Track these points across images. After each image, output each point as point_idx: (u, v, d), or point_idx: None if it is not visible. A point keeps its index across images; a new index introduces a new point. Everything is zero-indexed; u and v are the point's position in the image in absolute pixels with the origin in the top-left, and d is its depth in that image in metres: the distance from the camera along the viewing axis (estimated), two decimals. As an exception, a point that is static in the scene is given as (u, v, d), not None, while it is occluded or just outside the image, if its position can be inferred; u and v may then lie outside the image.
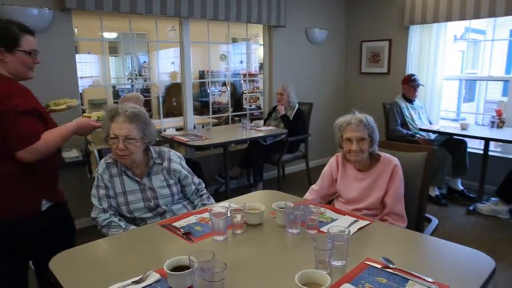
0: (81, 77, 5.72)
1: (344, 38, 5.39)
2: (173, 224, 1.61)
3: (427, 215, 1.93)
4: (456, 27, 4.69)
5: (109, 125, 1.75)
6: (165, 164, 1.89)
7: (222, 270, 1.02)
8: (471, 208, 3.71)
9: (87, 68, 6.65)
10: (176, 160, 1.93)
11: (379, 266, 1.23)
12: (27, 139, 1.52)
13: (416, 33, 4.56)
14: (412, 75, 4.19)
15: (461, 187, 4.11)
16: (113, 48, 7.35)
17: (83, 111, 4.49)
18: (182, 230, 1.53)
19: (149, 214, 1.82)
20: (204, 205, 1.91)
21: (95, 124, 1.80)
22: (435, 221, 1.85)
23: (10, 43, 1.57)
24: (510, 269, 2.68)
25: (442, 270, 1.22)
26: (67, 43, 3.22)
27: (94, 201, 1.79)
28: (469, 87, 6.57)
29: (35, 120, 1.59)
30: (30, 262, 1.79)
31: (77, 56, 3.41)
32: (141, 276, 1.18)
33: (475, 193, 3.94)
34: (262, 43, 4.73)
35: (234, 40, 7.08)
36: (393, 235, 1.53)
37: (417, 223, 1.93)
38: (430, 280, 1.14)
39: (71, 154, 3.09)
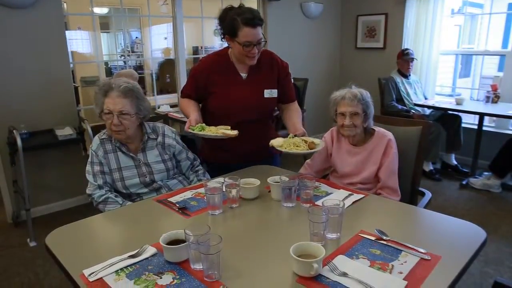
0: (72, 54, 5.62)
1: (339, 12, 5.29)
2: (169, 199, 1.61)
3: (420, 188, 1.95)
4: (453, 0, 4.61)
5: (102, 101, 1.72)
6: (160, 139, 1.88)
7: (218, 243, 1.03)
8: (464, 182, 3.76)
9: (78, 44, 6.51)
10: (171, 135, 1.92)
11: (373, 238, 1.25)
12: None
13: (413, 7, 4.48)
14: (406, 49, 4.16)
15: (454, 162, 4.15)
16: (104, 24, 7.19)
17: (75, 88, 4.43)
18: (178, 205, 1.54)
19: (145, 190, 1.82)
20: (199, 180, 1.91)
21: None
22: (428, 195, 1.87)
23: (231, 33, 1.79)
24: (500, 241, 2.74)
25: (435, 241, 1.24)
26: (56, 18, 3.13)
27: (89, 177, 1.78)
28: (465, 62, 6.53)
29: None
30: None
31: (67, 32, 3.32)
32: (137, 250, 1.19)
33: (469, 168, 3.98)
34: (256, 17, 4.64)
35: (228, 15, 6.91)
36: (387, 208, 1.55)
37: (410, 196, 1.95)
38: (422, 251, 1.16)
39: (65, 131, 3.06)
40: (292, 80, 2.12)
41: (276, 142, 1.72)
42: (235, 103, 1.93)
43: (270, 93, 1.99)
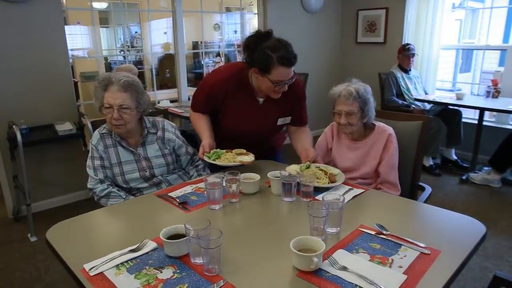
0: (71, 49, 5.60)
1: (340, 6, 5.27)
2: (169, 194, 1.61)
3: (420, 183, 1.95)
4: (454, -6, 4.59)
5: (102, 95, 1.72)
6: (159, 133, 1.88)
7: (218, 237, 1.03)
8: (464, 177, 3.76)
9: (78, 39, 6.49)
10: (170, 129, 1.92)
11: (373, 233, 1.25)
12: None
13: (414, 1, 4.46)
14: (407, 44, 4.14)
15: (454, 157, 4.15)
16: (104, 19, 7.16)
17: (75, 84, 4.42)
18: (178, 200, 1.54)
19: (145, 184, 1.82)
20: (200, 175, 1.91)
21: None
22: (428, 189, 1.87)
23: (263, 69, 1.70)
24: (499, 236, 2.75)
25: (434, 236, 1.25)
26: (55, 13, 3.12)
27: (90, 172, 1.78)
28: (466, 57, 6.51)
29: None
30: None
31: (66, 28, 3.31)
32: (138, 244, 1.19)
33: (469, 162, 3.99)
34: (256, 12, 4.62)
35: (228, 10, 6.90)
36: (387, 202, 1.55)
37: (411, 191, 1.96)
38: (422, 245, 1.16)
39: (65, 127, 3.06)
40: (305, 101, 2.06)
41: (291, 170, 1.67)
42: (248, 126, 1.91)
43: (283, 120, 1.97)
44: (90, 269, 1.07)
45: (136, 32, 7.51)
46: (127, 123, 1.73)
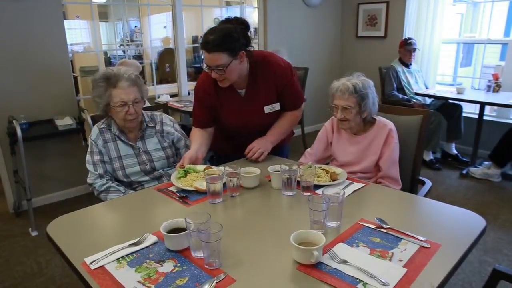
0: (71, 44, 5.58)
1: (340, 0, 5.24)
2: (169, 188, 1.61)
3: (420, 177, 1.95)
4: (456, -12, 4.56)
5: (110, 93, 1.71)
6: (158, 127, 1.89)
7: (218, 231, 1.03)
8: (464, 172, 3.76)
9: (77, 34, 6.46)
10: (169, 123, 1.93)
11: (373, 226, 1.25)
12: None
13: (415, -5, 4.44)
14: (409, 38, 4.12)
15: (455, 151, 4.15)
16: (103, 13, 7.12)
17: (75, 78, 4.41)
18: (178, 194, 1.54)
19: (146, 178, 1.83)
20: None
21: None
22: (428, 183, 1.87)
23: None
24: (499, 230, 2.75)
25: (434, 230, 1.25)
26: (54, 7, 3.10)
27: (89, 167, 1.78)
28: (467, 51, 6.48)
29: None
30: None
31: (66, 22, 3.30)
32: (138, 238, 1.19)
33: (469, 157, 3.99)
34: (256, 6, 4.60)
35: (228, 4, 6.86)
36: (387, 196, 1.55)
37: (411, 185, 1.96)
38: (422, 239, 1.16)
39: (64, 121, 3.06)
40: (296, 82, 1.98)
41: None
42: (237, 122, 1.90)
43: (271, 108, 1.91)
44: (91, 263, 1.08)
45: (135, 26, 7.47)
46: (138, 115, 1.78)
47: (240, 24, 1.71)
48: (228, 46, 1.65)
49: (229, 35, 1.65)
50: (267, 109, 1.90)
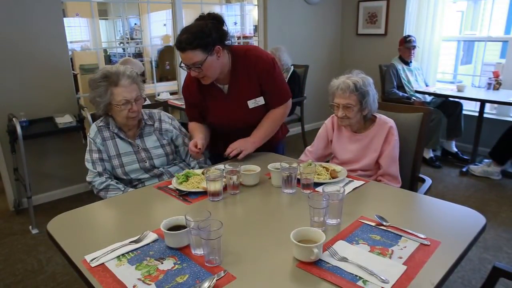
0: (70, 42, 5.57)
1: (341, -2, 5.23)
2: (169, 186, 1.62)
3: (421, 175, 1.95)
4: (456, -15, 4.54)
5: (112, 92, 1.71)
6: (157, 124, 1.89)
7: (219, 229, 1.04)
8: (464, 169, 3.76)
9: (77, 32, 6.45)
10: (167, 120, 1.93)
11: (373, 224, 1.25)
12: None
13: (415, -8, 4.43)
14: (408, 36, 4.12)
15: (455, 149, 4.15)
16: (102, 11, 7.11)
17: (75, 76, 4.40)
18: (178, 192, 1.54)
19: (146, 175, 1.83)
20: (201, 167, 1.91)
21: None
22: (428, 181, 1.87)
23: None
24: (499, 227, 2.75)
25: (434, 227, 1.25)
26: (53, 4, 3.09)
27: (88, 165, 1.78)
28: (467, 49, 6.47)
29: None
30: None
31: (65, 20, 3.29)
32: (138, 236, 1.19)
33: (469, 155, 3.99)
34: (256, 3, 4.59)
35: (228, 1, 6.85)
36: (387, 194, 1.55)
37: (411, 183, 1.96)
38: (422, 236, 1.16)
39: (65, 119, 3.05)
40: (279, 76, 1.92)
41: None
42: (222, 119, 1.91)
43: (255, 102, 1.89)
44: (91, 260, 1.08)
45: (135, 24, 7.45)
46: (139, 113, 1.79)
47: (212, 18, 1.72)
48: (200, 42, 1.64)
49: (200, 32, 1.65)
50: (251, 103, 1.88)
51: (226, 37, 1.75)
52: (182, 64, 1.72)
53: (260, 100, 1.90)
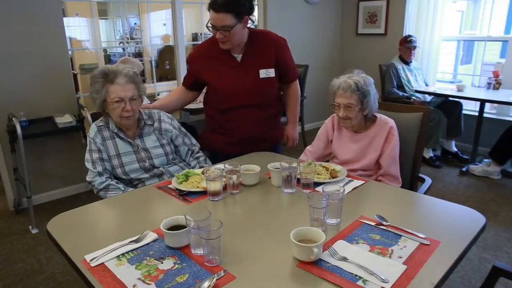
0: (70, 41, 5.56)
1: (341, -3, 5.23)
2: (169, 186, 1.62)
3: (420, 175, 1.95)
4: (456, -15, 4.54)
5: (107, 88, 1.71)
6: (156, 124, 1.89)
7: (218, 228, 1.04)
8: (464, 169, 3.76)
9: (77, 31, 6.44)
10: (167, 120, 1.93)
11: (373, 224, 1.26)
12: None
13: (415, -8, 4.42)
14: (409, 36, 4.11)
15: (455, 149, 4.15)
16: (102, 11, 7.10)
17: (75, 76, 4.40)
18: (178, 192, 1.54)
19: (146, 175, 1.83)
20: (201, 167, 1.91)
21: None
22: (428, 181, 1.87)
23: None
24: (499, 227, 2.75)
25: (434, 227, 1.25)
26: (53, 4, 3.09)
27: (88, 165, 1.78)
28: (467, 49, 6.46)
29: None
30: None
31: (65, 19, 3.28)
32: (138, 236, 1.19)
33: (469, 154, 3.99)
34: (256, 3, 4.59)
35: (228, 1, 6.83)
36: (387, 194, 1.56)
37: (411, 182, 1.96)
38: (422, 236, 1.16)
39: (64, 119, 3.05)
40: (292, 57, 2.13)
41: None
42: (231, 87, 1.94)
43: (266, 73, 1.97)
44: (91, 260, 1.08)
45: (135, 23, 7.45)
46: (135, 113, 1.78)
47: None
48: (235, 8, 1.75)
49: None
50: (262, 73, 1.97)
51: (253, 12, 1.86)
52: (209, 24, 1.79)
53: (271, 72, 1.99)
